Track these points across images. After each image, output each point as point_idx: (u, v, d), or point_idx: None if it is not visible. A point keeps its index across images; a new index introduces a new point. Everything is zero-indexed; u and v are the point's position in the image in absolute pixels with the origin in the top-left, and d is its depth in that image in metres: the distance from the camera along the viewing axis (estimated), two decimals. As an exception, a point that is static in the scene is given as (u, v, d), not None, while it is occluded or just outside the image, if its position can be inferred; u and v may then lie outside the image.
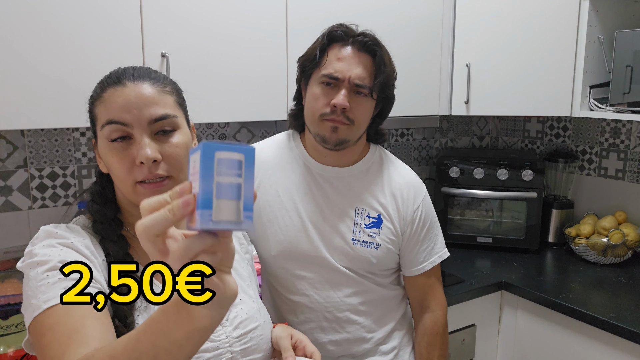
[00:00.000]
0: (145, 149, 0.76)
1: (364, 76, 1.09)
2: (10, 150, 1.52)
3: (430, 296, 1.26)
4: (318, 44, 1.13)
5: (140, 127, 0.78)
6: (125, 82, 0.80)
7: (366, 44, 1.10)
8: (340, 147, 1.14)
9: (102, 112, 0.79)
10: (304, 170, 1.20)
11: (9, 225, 1.53)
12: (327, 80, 1.10)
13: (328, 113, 1.10)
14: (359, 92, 1.10)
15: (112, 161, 0.79)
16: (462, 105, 1.94)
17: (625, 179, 2.06)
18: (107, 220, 0.84)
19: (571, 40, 1.80)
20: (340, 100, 1.07)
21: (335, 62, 1.10)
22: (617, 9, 1.85)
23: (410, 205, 1.21)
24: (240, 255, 1.02)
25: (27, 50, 1.19)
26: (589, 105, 1.84)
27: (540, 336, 1.71)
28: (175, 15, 1.36)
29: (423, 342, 1.25)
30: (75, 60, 1.24)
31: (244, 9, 1.47)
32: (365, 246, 1.17)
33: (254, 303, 0.95)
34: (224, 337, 0.86)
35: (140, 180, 0.78)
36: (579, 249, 1.95)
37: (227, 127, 1.88)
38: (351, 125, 1.11)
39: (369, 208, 1.19)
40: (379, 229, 1.18)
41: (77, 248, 0.78)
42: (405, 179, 1.23)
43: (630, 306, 1.56)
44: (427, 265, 1.23)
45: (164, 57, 1.35)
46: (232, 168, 0.47)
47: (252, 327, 0.91)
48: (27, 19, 1.18)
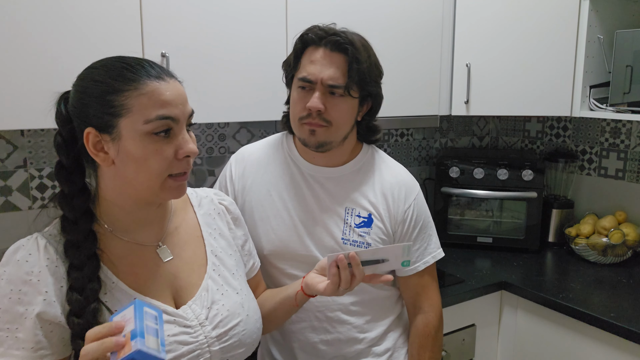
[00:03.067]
0: (191, 144, 0.83)
1: (337, 76, 1.09)
2: (10, 150, 1.52)
3: (423, 297, 1.25)
4: (294, 49, 1.15)
5: (183, 122, 0.83)
6: (165, 78, 0.82)
7: (337, 43, 1.09)
8: (322, 149, 1.14)
9: (145, 105, 0.78)
10: (295, 171, 1.22)
11: (9, 225, 1.53)
12: (303, 84, 1.11)
13: (305, 116, 1.11)
14: (334, 93, 1.10)
15: (150, 155, 0.79)
16: (462, 105, 1.94)
17: (625, 178, 2.06)
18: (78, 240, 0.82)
19: (571, 40, 1.80)
20: (314, 103, 1.08)
21: (309, 66, 1.10)
22: (617, 9, 1.85)
23: (402, 204, 1.20)
24: (227, 242, 1.02)
25: (27, 50, 1.19)
26: (589, 105, 1.84)
27: (540, 336, 1.71)
28: (175, 15, 1.36)
29: (415, 344, 1.25)
30: (76, 60, 1.23)
31: (244, 9, 1.47)
32: (355, 245, 1.17)
33: (238, 296, 0.95)
34: (202, 338, 0.87)
35: (177, 173, 0.83)
36: (579, 248, 1.95)
37: (227, 127, 1.88)
38: (329, 127, 1.11)
39: (359, 208, 1.19)
40: (369, 229, 1.18)
41: (34, 285, 0.78)
42: (397, 178, 1.23)
43: (630, 306, 1.56)
44: (419, 266, 1.23)
45: (164, 57, 1.35)
46: (152, 319, 0.72)
47: (233, 324, 0.91)
48: (27, 19, 1.18)
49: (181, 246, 0.93)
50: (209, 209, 1.02)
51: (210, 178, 1.88)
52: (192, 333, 0.86)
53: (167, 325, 0.84)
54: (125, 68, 0.80)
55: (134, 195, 0.85)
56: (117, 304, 0.82)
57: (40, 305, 0.78)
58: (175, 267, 0.91)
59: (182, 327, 0.86)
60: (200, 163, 1.85)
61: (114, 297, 0.83)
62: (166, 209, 0.94)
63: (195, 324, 0.87)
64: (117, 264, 0.86)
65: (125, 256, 0.87)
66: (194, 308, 0.89)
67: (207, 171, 1.87)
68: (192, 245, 0.95)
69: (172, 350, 0.83)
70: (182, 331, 0.85)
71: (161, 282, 0.88)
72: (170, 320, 0.85)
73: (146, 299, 0.85)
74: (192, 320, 0.87)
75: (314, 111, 1.09)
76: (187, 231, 0.96)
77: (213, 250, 0.97)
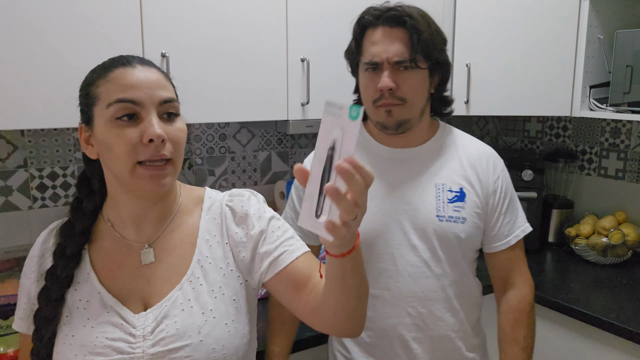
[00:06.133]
0: (155, 127, 0.77)
1: (401, 51, 1.06)
2: (11, 150, 1.52)
3: (516, 272, 1.22)
4: (353, 35, 1.13)
5: (150, 106, 0.78)
6: (135, 64, 0.81)
7: (394, 17, 1.07)
8: (402, 128, 1.12)
9: (109, 91, 0.78)
10: (375, 157, 1.17)
11: (9, 225, 1.53)
12: (369, 67, 1.09)
13: (378, 98, 1.09)
14: (401, 68, 1.07)
15: (114, 140, 0.77)
16: (462, 105, 1.94)
17: (625, 179, 2.06)
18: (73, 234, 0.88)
19: (571, 40, 1.80)
20: (384, 82, 1.06)
21: (371, 48, 1.08)
22: (617, 9, 1.85)
23: (491, 175, 1.17)
24: (223, 253, 0.89)
25: (27, 50, 1.19)
26: (589, 105, 1.84)
27: (540, 336, 1.71)
28: (175, 15, 1.36)
29: (508, 320, 1.20)
30: (76, 60, 1.24)
31: (244, 9, 1.47)
32: (452, 221, 1.13)
33: (200, 317, 0.83)
34: (140, 352, 0.80)
35: (142, 160, 0.78)
36: (579, 249, 1.95)
37: (227, 127, 1.88)
38: (404, 104, 1.09)
39: (449, 182, 1.15)
40: (464, 202, 1.14)
41: (25, 271, 0.90)
42: (482, 150, 1.20)
43: (630, 306, 1.56)
44: (511, 240, 1.20)
45: (164, 57, 1.35)
46: None
47: (176, 346, 0.80)
48: (27, 19, 1.18)
49: (169, 251, 0.88)
50: (215, 214, 0.92)
51: (210, 178, 1.88)
52: (133, 343, 0.80)
53: (112, 327, 0.81)
54: (106, 61, 0.83)
55: (119, 187, 0.84)
56: (84, 295, 0.85)
57: (31, 282, 0.89)
58: (153, 271, 0.86)
59: (126, 334, 0.81)
60: (200, 163, 1.85)
61: (82, 289, 0.85)
62: (166, 209, 0.89)
63: (139, 335, 0.81)
64: (100, 257, 0.87)
65: (112, 252, 0.87)
66: (148, 317, 0.82)
67: (208, 171, 1.87)
68: (181, 252, 0.88)
69: (104, 354, 0.79)
70: (122, 338, 0.80)
71: (134, 285, 0.85)
72: (117, 323, 0.81)
73: (107, 296, 0.83)
74: (139, 330, 0.81)
75: (386, 90, 1.07)
76: (182, 236, 0.89)
77: (201, 260, 0.87)
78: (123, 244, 0.88)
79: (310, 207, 0.62)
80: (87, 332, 0.81)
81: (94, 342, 0.80)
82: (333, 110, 0.60)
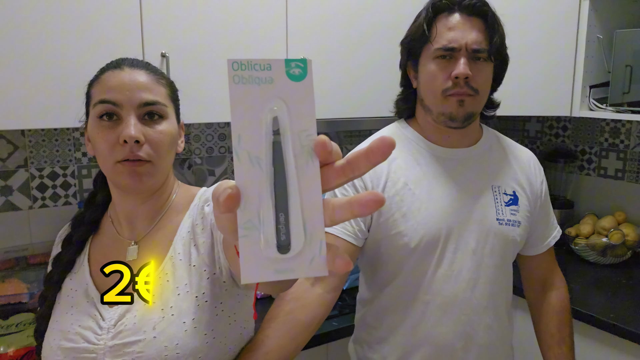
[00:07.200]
0: (130, 128, 0.79)
1: (481, 40, 1.02)
2: (11, 150, 1.52)
3: (555, 272, 1.23)
4: (423, 20, 1.05)
5: (129, 107, 0.81)
6: (124, 67, 0.84)
7: (474, 6, 1.02)
8: (468, 122, 1.06)
9: (96, 92, 0.83)
10: (429, 157, 1.10)
11: (9, 225, 1.53)
12: (442, 54, 1.02)
13: (450, 87, 1.02)
14: (478, 58, 1.02)
15: (97, 139, 0.82)
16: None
17: (625, 179, 2.06)
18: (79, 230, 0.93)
19: (571, 40, 1.80)
20: (462, 69, 0.99)
21: (447, 32, 1.02)
22: (617, 9, 1.85)
23: (538, 178, 1.16)
24: (197, 252, 0.87)
25: (27, 50, 1.19)
26: (588, 105, 1.84)
27: (540, 336, 1.71)
28: (175, 15, 1.37)
29: (552, 322, 1.19)
30: (76, 60, 1.24)
31: (244, 9, 1.47)
32: (510, 225, 1.09)
33: (159, 313, 0.82)
34: (102, 343, 0.81)
35: (120, 159, 0.81)
36: (578, 249, 1.95)
37: (227, 127, 1.88)
38: (476, 96, 1.03)
39: (504, 185, 1.11)
40: (518, 206, 1.11)
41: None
42: (527, 154, 1.18)
43: (629, 306, 1.57)
44: (551, 241, 1.20)
45: (164, 57, 1.35)
46: None
47: (131, 340, 0.80)
48: (27, 19, 1.18)
49: (151, 248, 0.90)
50: (194, 213, 0.91)
51: (210, 178, 1.88)
52: (99, 335, 0.82)
53: (86, 317, 0.84)
54: (106, 64, 0.87)
55: (111, 184, 0.90)
56: (75, 285, 0.89)
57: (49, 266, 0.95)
58: (133, 268, 0.88)
59: (96, 325, 0.83)
60: (200, 163, 1.85)
61: (75, 278, 0.90)
62: (157, 207, 0.91)
63: (105, 327, 0.82)
64: (97, 251, 0.92)
65: (107, 247, 0.92)
66: (116, 311, 0.84)
67: (207, 171, 1.87)
68: (159, 249, 0.89)
69: (74, 341, 0.82)
70: (91, 327, 0.83)
71: (115, 280, 0.88)
72: (92, 314, 0.84)
73: (92, 287, 0.88)
74: (107, 322, 0.83)
75: (462, 78, 1.00)
76: (165, 234, 0.90)
77: (173, 257, 0.87)
78: (117, 239, 0.92)
79: (264, 239, 0.36)
80: (67, 319, 0.86)
81: (68, 329, 0.84)
82: (253, 75, 0.37)
